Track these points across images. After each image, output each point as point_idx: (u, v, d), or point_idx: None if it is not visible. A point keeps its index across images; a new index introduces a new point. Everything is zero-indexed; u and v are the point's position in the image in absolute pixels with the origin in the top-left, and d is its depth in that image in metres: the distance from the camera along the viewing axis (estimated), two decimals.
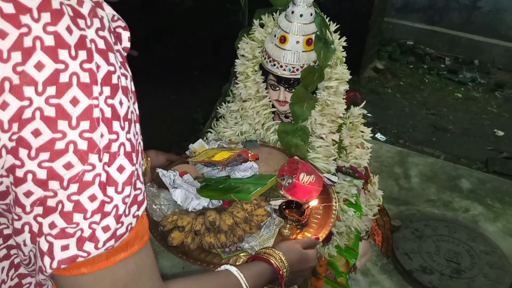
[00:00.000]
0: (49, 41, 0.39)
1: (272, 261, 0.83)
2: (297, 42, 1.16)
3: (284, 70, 1.19)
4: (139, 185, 0.49)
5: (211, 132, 1.40)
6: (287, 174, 1.10)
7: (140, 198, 0.50)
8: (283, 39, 1.17)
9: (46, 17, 0.39)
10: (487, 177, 2.77)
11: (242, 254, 0.96)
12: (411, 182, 2.64)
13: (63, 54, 0.40)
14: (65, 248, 0.44)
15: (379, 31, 4.39)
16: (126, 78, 0.47)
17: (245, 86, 1.25)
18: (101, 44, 0.43)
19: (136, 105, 0.50)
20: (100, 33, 0.43)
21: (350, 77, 1.25)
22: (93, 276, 0.47)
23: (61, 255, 0.45)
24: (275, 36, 1.19)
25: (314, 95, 1.23)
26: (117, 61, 0.45)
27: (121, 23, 0.50)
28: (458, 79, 4.38)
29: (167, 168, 1.13)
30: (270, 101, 1.26)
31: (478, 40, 4.73)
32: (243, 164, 1.12)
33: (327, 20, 1.23)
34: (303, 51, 1.17)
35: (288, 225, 1.00)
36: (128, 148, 0.46)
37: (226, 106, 1.34)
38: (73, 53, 0.40)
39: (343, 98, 1.25)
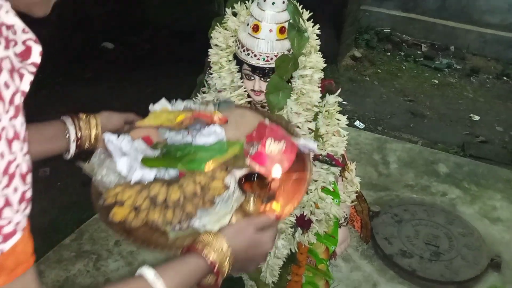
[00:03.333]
0: None
1: (207, 256, 0.73)
2: (270, 30, 1.15)
3: (258, 59, 1.18)
4: (7, 214, 0.43)
5: None
6: (255, 140, 0.97)
7: (6, 229, 0.43)
8: (256, 28, 1.16)
9: None
10: (463, 161, 2.83)
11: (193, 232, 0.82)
12: (389, 168, 2.67)
13: None
14: None
15: (355, 19, 4.40)
16: (7, 88, 0.41)
17: (220, 76, 1.23)
18: None
19: (16, 122, 0.43)
20: None
21: (324, 65, 1.24)
22: None
23: None
24: (248, 25, 1.18)
25: (289, 84, 1.22)
26: None
27: (31, 35, 0.45)
28: (434, 66, 4.44)
29: (123, 132, 0.98)
30: (245, 91, 1.25)
31: (453, 26, 4.80)
32: (206, 128, 0.96)
33: (300, 8, 1.22)
34: (276, 40, 1.16)
35: (251, 199, 0.86)
36: None
37: (201, 97, 1.32)
38: None
39: (318, 87, 1.25)
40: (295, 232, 1.39)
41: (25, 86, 0.44)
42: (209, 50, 1.27)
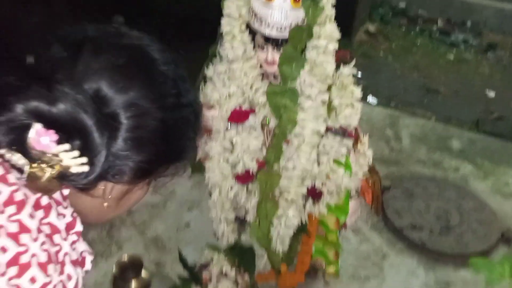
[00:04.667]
0: None
1: None
2: None
3: (272, 29, 1.17)
4: None
5: None
6: None
7: None
8: None
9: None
10: (477, 137, 2.80)
11: None
12: (402, 143, 2.66)
13: None
14: None
15: None
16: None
17: (232, 47, 1.23)
18: (13, 229, 0.49)
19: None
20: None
21: (339, 35, 1.23)
22: None
23: None
24: None
25: (303, 54, 1.22)
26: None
27: (89, 249, 0.58)
28: (450, 41, 4.35)
29: None
30: (258, 62, 1.25)
31: (470, 1, 4.66)
32: None
33: None
34: (290, 9, 1.15)
35: None
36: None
37: (213, 68, 1.32)
38: None
39: (333, 57, 1.24)
40: (306, 203, 1.41)
41: (88, 266, 0.58)
42: (222, 20, 1.26)
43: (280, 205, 1.38)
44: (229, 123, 1.33)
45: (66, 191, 0.57)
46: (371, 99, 3.31)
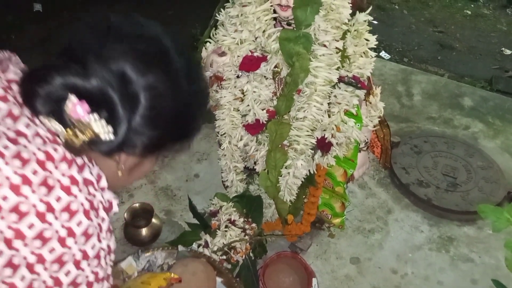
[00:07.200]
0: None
1: None
2: None
3: None
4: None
5: (209, 42, 1.36)
6: None
7: None
8: None
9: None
10: (490, 95, 2.75)
11: None
12: (413, 100, 2.62)
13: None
14: None
15: None
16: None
17: None
18: (66, 182, 0.59)
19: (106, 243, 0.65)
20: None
21: None
22: None
23: None
24: None
25: None
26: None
27: (113, 195, 0.68)
28: None
29: None
30: (271, 5, 1.20)
31: None
32: None
33: None
34: None
35: None
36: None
37: (225, 12, 1.28)
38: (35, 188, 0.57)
39: (349, 3, 1.19)
40: (314, 154, 1.40)
41: (116, 208, 0.69)
42: None
43: (289, 155, 1.37)
44: (241, 72, 1.31)
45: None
46: (383, 54, 3.23)
